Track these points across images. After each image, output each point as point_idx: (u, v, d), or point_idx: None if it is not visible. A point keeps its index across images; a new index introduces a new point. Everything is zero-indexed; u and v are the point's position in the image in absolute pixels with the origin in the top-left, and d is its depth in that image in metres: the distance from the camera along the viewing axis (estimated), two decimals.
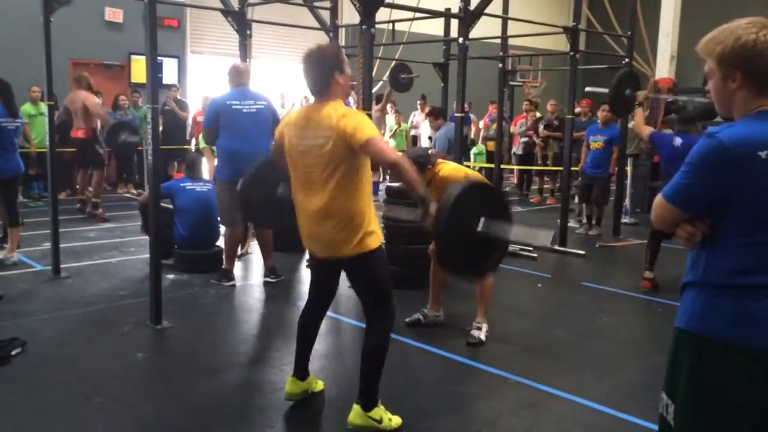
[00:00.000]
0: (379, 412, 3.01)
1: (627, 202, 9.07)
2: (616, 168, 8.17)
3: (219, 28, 11.10)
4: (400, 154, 2.97)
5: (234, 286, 5.40)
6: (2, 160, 5.59)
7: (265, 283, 5.54)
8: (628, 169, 9.01)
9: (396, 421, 3.06)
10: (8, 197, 5.85)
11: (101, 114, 8.51)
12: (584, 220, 8.32)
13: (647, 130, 5.91)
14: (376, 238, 2.97)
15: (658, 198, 1.81)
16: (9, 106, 5.70)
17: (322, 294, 3.28)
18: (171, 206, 5.89)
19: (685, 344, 1.80)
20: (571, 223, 8.08)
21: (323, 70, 2.90)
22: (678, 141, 5.47)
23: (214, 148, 6.61)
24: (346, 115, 2.84)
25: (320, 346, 4.00)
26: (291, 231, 6.53)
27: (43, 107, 7.61)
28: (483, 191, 3.09)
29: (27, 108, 8.84)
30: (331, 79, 2.90)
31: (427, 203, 2.85)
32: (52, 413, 3.15)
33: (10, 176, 5.75)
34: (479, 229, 2.89)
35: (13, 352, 3.78)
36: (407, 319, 4.48)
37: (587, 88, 7.94)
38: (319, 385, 3.41)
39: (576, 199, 8.75)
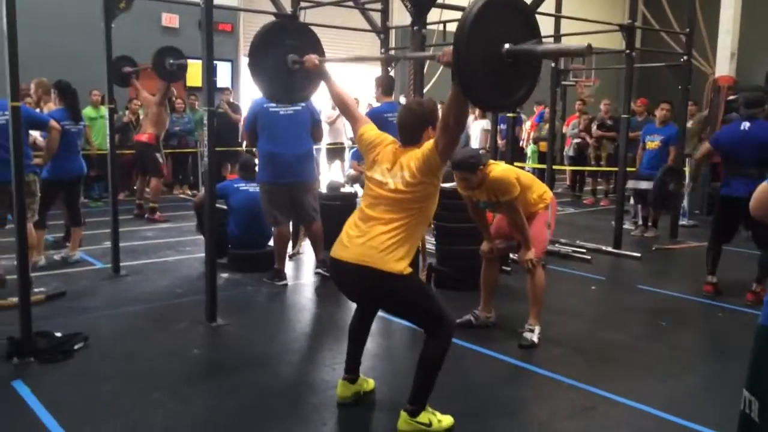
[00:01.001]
0: (427, 415, 3.00)
1: (685, 203, 8.82)
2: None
3: None
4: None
5: (286, 285, 5.47)
6: (66, 161, 5.79)
7: (317, 282, 5.60)
8: (687, 169, 8.76)
9: (447, 421, 3.04)
10: (71, 198, 6.07)
11: (171, 92, 8.69)
12: (640, 222, 8.13)
13: (707, 144, 5.62)
14: (405, 266, 2.94)
15: (763, 185, 1.81)
16: (73, 110, 5.91)
17: (366, 310, 3.34)
18: (225, 207, 6.01)
19: None
20: (626, 225, 7.91)
21: (420, 126, 3.06)
22: (746, 125, 5.21)
23: None
24: (421, 148, 2.99)
25: (371, 345, 4.01)
26: (339, 231, 6.60)
27: (104, 110, 7.86)
28: (503, 4, 2.70)
29: (88, 111, 9.15)
30: (423, 133, 3.06)
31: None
32: (112, 406, 3.26)
33: (73, 177, 5.97)
34: (505, 48, 2.60)
35: (76, 347, 3.92)
36: (458, 321, 4.44)
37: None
38: (370, 384, 3.42)
39: (631, 201, 8.56)
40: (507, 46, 2.59)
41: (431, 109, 3.12)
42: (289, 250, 6.30)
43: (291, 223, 5.95)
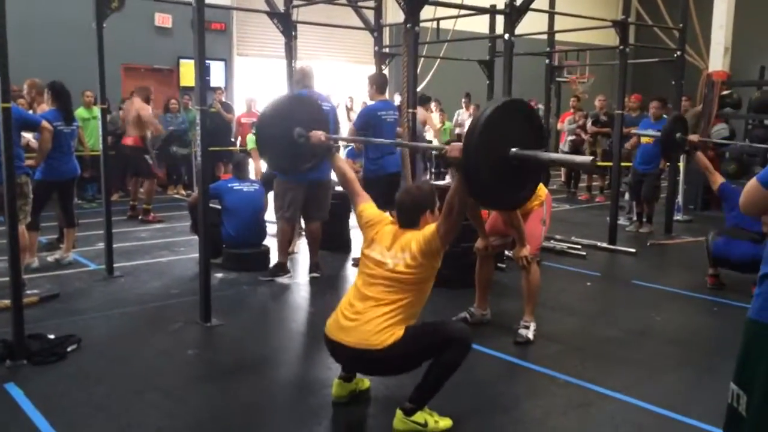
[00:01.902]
0: (423, 415, 2.98)
1: (679, 198, 8.84)
2: (668, 164, 7.96)
3: (264, 31, 11.30)
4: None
5: (290, 278, 5.50)
6: (59, 162, 5.77)
7: (311, 282, 5.59)
8: (681, 165, 8.78)
9: (444, 423, 3.02)
10: (65, 199, 6.04)
11: (155, 123, 8.72)
12: (635, 218, 8.14)
13: (717, 180, 5.56)
14: (405, 329, 2.98)
15: (753, 182, 1.81)
16: (66, 111, 5.88)
17: None
18: (219, 206, 6.00)
19: (764, 336, 1.76)
20: (621, 221, 7.92)
21: (418, 210, 3.15)
22: None
23: None
24: (422, 231, 3.08)
25: None
26: (335, 230, 6.60)
27: (97, 111, 7.83)
28: (514, 110, 2.85)
29: (80, 112, 9.10)
30: (421, 217, 3.15)
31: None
32: (105, 407, 3.24)
33: (66, 178, 5.94)
34: (512, 152, 2.72)
35: (69, 348, 3.90)
36: (453, 318, 4.45)
37: (633, 130, 7.77)
38: (366, 384, 3.41)
39: (626, 196, 8.56)
40: (514, 150, 2.71)
41: (429, 193, 3.20)
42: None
43: None
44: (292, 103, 3.99)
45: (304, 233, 6.12)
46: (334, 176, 5.91)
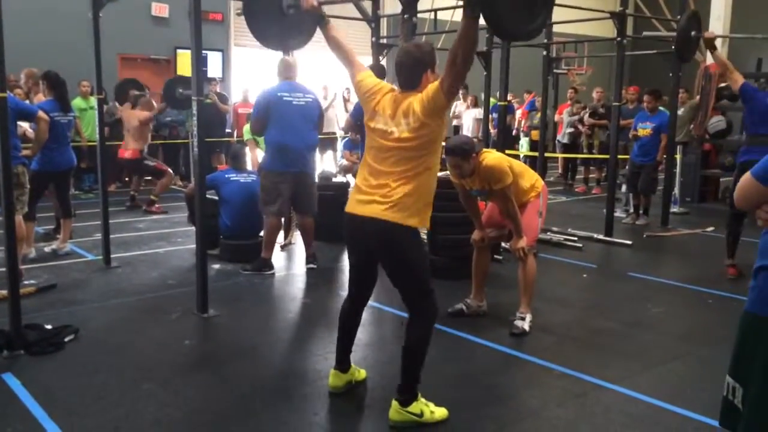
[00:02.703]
0: (419, 405, 3.00)
1: (676, 191, 8.86)
2: (664, 156, 7.97)
3: None
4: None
5: (273, 274, 5.47)
6: (55, 153, 5.75)
7: (308, 273, 5.60)
8: (678, 157, 8.79)
9: (440, 413, 3.04)
10: (61, 190, 6.03)
11: (160, 107, 8.67)
12: (631, 210, 8.16)
13: (738, 80, 5.33)
14: (419, 222, 2.95)
15: (747, 176, 1.80)
16: (62, 101, 5.86)
17: (359, 287, 3.26)
18: (216, 197, 5.99)
19: (760, 329, 1.77)
20: (618, 213, 7.94)
21: (419, 67, 3.00)
22: None
23: (260, 139, 6.72)
24: (424, 92, 2.92)
25: (363, 335, 4.02)
26: (332, 221, 6.61)
27: (93, 101, 7.80)
28: None
29: (77, 102, 9.08)
30: (423, 76, 2.99)
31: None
32: (103, 398, 3.25)
33: (63, 169, 5.93)
34: None
35: (67, 339, 3.91)
36: (449, 309, 4.46)
37: (645, 33, 7.64)
38: (362, 374, 3.42)
39: (623, 188, 8.57)
40: None
41: (429, 51, 3.06)
42: (281, 240, 6.30)
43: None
44: None
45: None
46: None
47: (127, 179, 9.66)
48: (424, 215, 2.98)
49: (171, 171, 8.71)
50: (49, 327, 3.98)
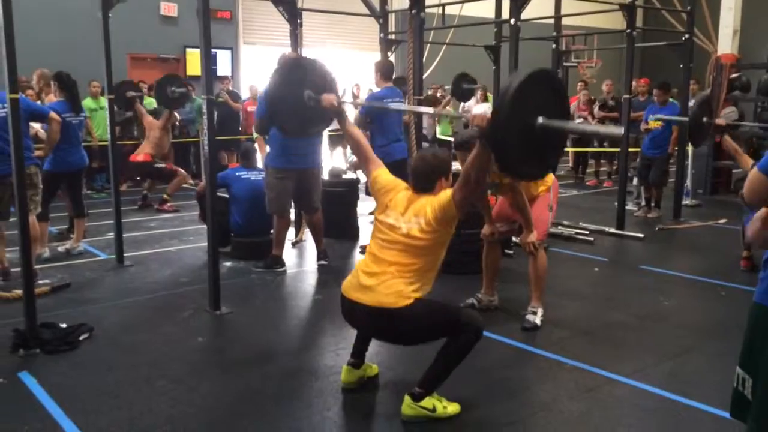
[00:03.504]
0: (432, 400, 3.00)
1: (688, 183, 8.80)
2: (676, 148, 7.92)
3: (270, 19, 11.26)
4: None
5: (285, 271, 5.50)
6: (67, 153, 5.79)
7: (319, 269, 5.62)
8: (689, 149, 8.73)
9: (453, 408, 3.05)
10: (74, 189, 6.08)
11: (174, 118, 8.71)
12: (643, 203, 8.12)
13: (748, 162, 5.13)
14: (423, 292, 3.02)
15: (754, 171, 1.79)
16: (73, 101, 5.90)
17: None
18: (227, 195, 6.02)
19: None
20: (630, 206, 7.90)
21: (433, 175, 3.12)
22: None
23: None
24: (437, 196, 3.04)
25: None
26: (343, 218, 6.59)
27: (104, 101, 7.85)
28: (542, 80, 2.78)
29: (88, 102, 9.13)
30: (437, 183, 3.12)
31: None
32: (118, 395, 3.28)
33: (75, 169, 5.97)
34: (540, 122, 2.65)
35: (81, 337, 3.95)
36: (461, 304, 4.47)
37: (642, 125, 7.71)
38: (374, 370, 3.44)
39: (634, 181, 8.53)
40: (541, 120, 2.65)
41: (445, 160, 3.18)
42: (292, 237, 6.33)
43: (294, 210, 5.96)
44: (300, 66, 3.87)
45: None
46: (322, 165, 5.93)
47: (138, 178, 9.72)
48: (425, 288, 3.04)
49: (183, 171, 8.75)
50: (63, 326, 4.02)
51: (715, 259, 6.12)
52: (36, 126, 6.78)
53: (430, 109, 5.88)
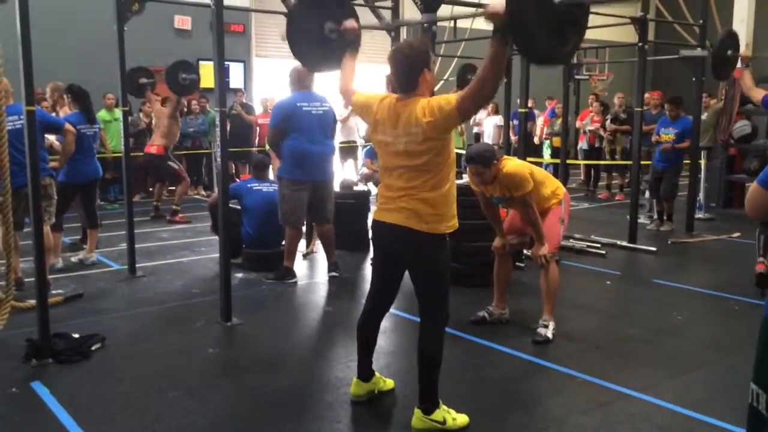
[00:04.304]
0: (442, 413, 2.99)
1: (701, 196, 8.75)
2: (686, 162, 7.88)
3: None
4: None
5: (296, 283, 5.50)
6: (82, 164, 5.85)
7: (330, 281, 5.62)
8: (702, 162, 8.69)
9: (462, 419, 3.04)
10: (87, 200, 6.12)
11: (182, 104, 8.70)
12: (655, 216, 8.08)
13: (759, 94, 5.45)
14: (445, 227, 2.93)
15: (754, 185, 1.78)
16: (87, 113, 5.97)
17: (380, 296, 3.25)
18: (239, 207, 6.05)
19: None
20: (642, 219, 7.86)
21: (412, 67, 2.89)
22: None
23: None
24: (430, 101, 2.84)
25: (385, 343, 4.04)
26: (354, 229, 6.59)
27: (118, 113, 7.92)
28: None
29: (102, 114, 9.21)
30: (419, 76, 2.89)
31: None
32: (129, 405, 3.29)
33: (89, 180, 6.02)
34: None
35: (94, 347, 3.97)
36: (472, 317, 4.45)
37: (683, 52, 7.58)
38: (389, 384, 3.42)
39: (646, 194, 8.50)
40: None
41: (424, 49, 2.93)
42: (303, 248, 6.34)
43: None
44: None
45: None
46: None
47: (150, 189, 9.79)
48: (449, 221, 2.95)
49: (188, 178, 8.79)
50: (76, 336, 4.04)
51: (728, 273, 6.07)
52: (51, 137, 6.86)
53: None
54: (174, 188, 8.95)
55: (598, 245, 6.81)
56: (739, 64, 6.27)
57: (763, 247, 5.26)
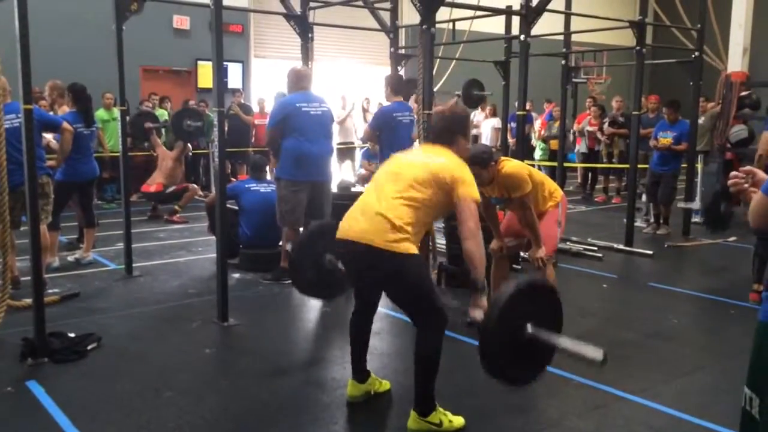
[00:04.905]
0: (438, 415, 2.99)
1: (697, 200, 8.76)
2: (684, 165, 7.89)
3: (281, 32, 11.33)
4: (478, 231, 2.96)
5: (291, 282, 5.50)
6: (79, 163, 5.84)
7: None
8: (699, 166, 8.70)
9: (458, 421, 3.04)
10: (84, 199, 6.12)
11: (187, 149, 8.80)
12: (651, 219, 8.09)
13: None
14: (414, 248, 2.94)
15: (758, 195, 1.78)
16: (86, 113, 5.96)
17: (365, 304, 3.30)
18: (236, 207, 6.04)
19: None
20: (638, 223, 7.87)
21: (451, 130, 3.12)
22: None
23: None
24: (455, 166, 3.00)
25: (381, 344, 4.04)
26: None
27: (116, 113, 7.92)
28: (539, 292, 2.92)
29: (100, 114, 9.21)
30: (455, 139, 3.12)
31: (481, 291, 2.90)
32: (125, 405, 3.28)
33: (86, 179, 6.02)
34: (528, 332, 2.74)
35: (90, 347, 3.96)
36: (468, 319, 4.44)
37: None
38: (385, 386, 3.42)
39: (643, 198, 8.51)
40: (530, 330, 2.74)
41: (462, 116, 3.15)
42: None
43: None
44: (318, 232, 3.78)
45: None
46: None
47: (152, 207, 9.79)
48: (416, 240, 2.98)
49: (193, 185, 8.80)
50: (72, 335, 4.03)
51: (724, 277, 6.09)
52: (48, 136, 6.84)
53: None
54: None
55: (595, 248, 6.82)
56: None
57: (757, 272, 5.13)
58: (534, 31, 5.82)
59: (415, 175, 2.96)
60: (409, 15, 11.22)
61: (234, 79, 12.53)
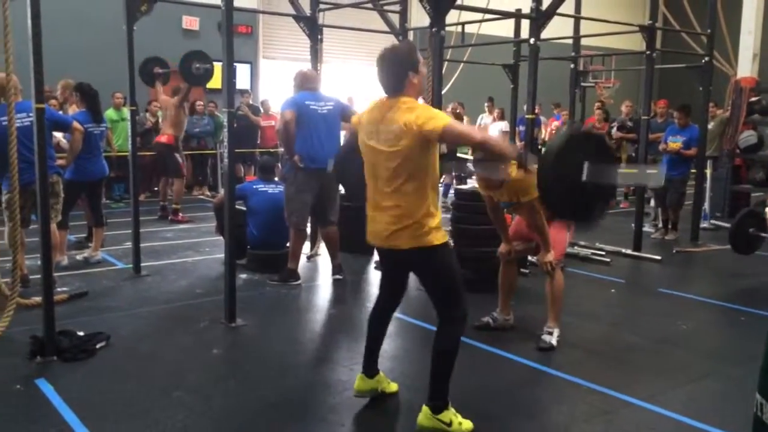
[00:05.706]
0: (449, 415, 2.99)
1: (706, 206, 8.73)
2: (693, 171, 7.87)
3: (291, 34, 11.37)
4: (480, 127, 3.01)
5: (300, 285, 5.51)
6: (88, 163, 5.86)
7: (334, 284, 5.62)
8: (708, 171, 8.68)
9: (467, 425, 3.03)
10: (93, 199, 6.14)
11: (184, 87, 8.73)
12: (660, 225, 8.06)
13: None
14: (440, 235, 2.97)
15: None
16: (95, 112, 5.98)
17: (389, 293, 3.30)
18: (244, 208, 6.05)
19: None
20: (647, 228, 7.85)
21: (397, 70, 2.91)
22: None
23: None
24: (415, 109, 2.87)
25: (389, 347, 4.03)
26: (358, 232, 6.56)
27: (126, 112, 7.95)
28: (584, 138, 2.92)
29: (110, 113, 9.25)
30: (405, 79, 2.91)
31: (524, 157, 2.93)
32: (133, 404, 3.29)
33: (95, 178, 6.04)
34: (584, 176, 2.77)
35: (98, 346, 3.97)
36: (476, 323, 4.44)
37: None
38: (392, 387, 3.42)
39: (652, 203, 8.48)
40: (586, 173, 2.84)
41: (408, 51, 2.94)
42: (307, 251, 6.34)
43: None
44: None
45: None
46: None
47: (156, 189, 9.82)
48: (438, 224, 2.97)
49: (185, 175, 8.91)
50: (81, 334, 4.05)
51: (734, 283, 6.06)
52: (58, 135, 6.87)
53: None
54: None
55: (603, 253, 6.80)
56: None
57: None
58: (543, 35, 5.81)
59: (387, 165, 2.91)
60: (418, 17, 11.23)
61: (242, 80, 12.55)
